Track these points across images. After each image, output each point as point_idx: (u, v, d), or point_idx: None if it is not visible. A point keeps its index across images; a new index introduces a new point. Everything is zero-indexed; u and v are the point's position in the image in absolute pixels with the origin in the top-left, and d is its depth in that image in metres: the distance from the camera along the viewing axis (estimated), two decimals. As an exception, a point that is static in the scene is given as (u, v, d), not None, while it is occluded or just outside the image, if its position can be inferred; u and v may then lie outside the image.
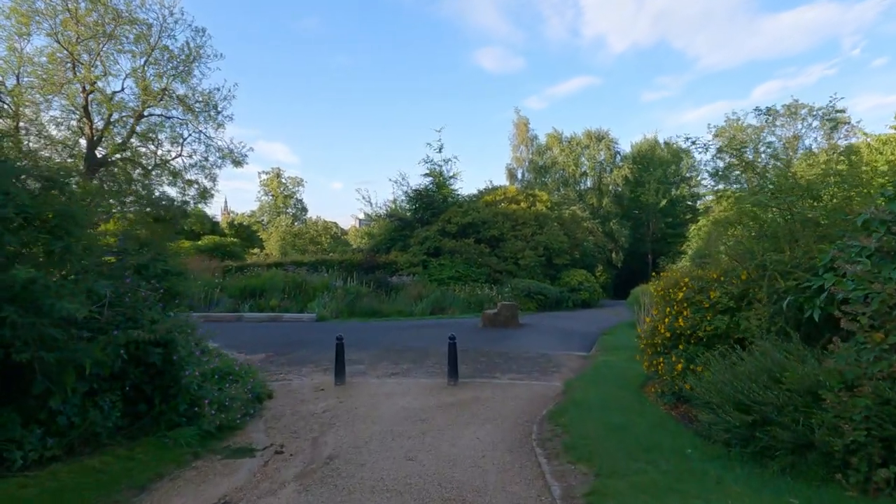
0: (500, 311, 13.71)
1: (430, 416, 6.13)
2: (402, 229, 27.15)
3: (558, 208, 31.39)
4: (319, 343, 12.12)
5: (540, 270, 25.59)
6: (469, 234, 25.43)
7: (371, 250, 27.04)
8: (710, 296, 6.51)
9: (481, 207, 26.97)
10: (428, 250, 24.77)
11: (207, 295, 20.70)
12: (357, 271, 23.42)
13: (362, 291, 20.89)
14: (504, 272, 24.71)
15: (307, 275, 22.23)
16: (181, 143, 32.42)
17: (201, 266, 23.69)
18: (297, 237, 53.95)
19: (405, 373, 8.72)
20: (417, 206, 27.68)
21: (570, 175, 45.04)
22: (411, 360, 9.84)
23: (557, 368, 9.05)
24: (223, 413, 5.19)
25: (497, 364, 9.37)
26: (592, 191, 45.14)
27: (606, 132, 45.06)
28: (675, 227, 46.31)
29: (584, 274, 27.28)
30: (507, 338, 12.40)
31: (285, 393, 7.27)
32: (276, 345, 12.34)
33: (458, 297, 21.72)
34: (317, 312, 18.78)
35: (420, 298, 20.90)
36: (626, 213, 46.74)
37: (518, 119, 47.56)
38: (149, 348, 4.80)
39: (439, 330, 13.98)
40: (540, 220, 27.20)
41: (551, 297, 23.84)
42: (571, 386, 7.57)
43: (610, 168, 44.98)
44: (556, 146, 45.61)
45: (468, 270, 23.98)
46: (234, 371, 6.14)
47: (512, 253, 25.28)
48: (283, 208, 65.67)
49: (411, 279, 22.87)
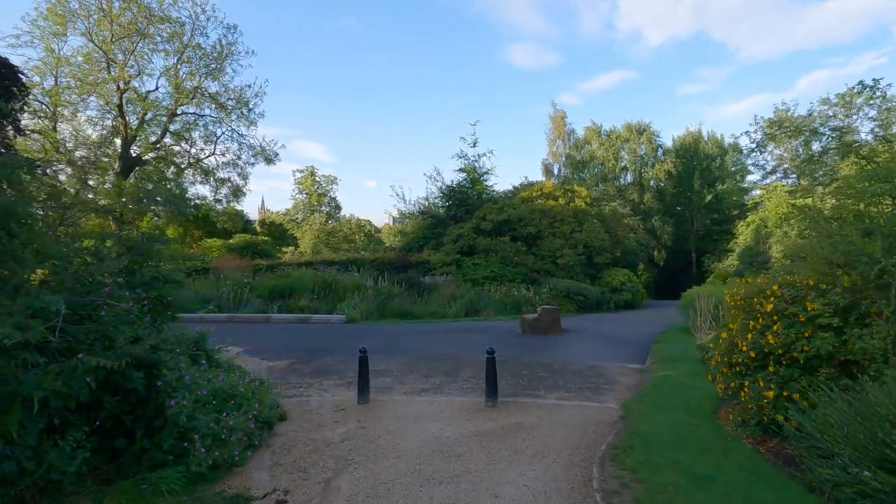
0: (540, 315, 12.62)
1: (466, 449, 5.15)
2: (435, 227, 26.24)
3: (598, 204, 29.95)
4: (346, 349, 11.30)
5: (579, 270, 24.30)
6: (504, 231, 24.32)
7: (403, 249, 26.25)
8: (806, 307, 5.33)
9: (517, 204, 25.80)
10: (462, 249, 23.79)
11: (237, 295, 20.24)
12: (389, 270, 22.64)
13: (394, 292, 20.09)
14: (542, 272, 23.53)
15: (338, 274, 21.57)
16: (214, 141, 32.36)
17: (231, 265, 23.32)
18: (331, 235, 53.80)
19: (437, 388, 7.76)
20: (451, 203, 26.72)
21: (609, 170, 43.33)
22: (444, 371, 8.88)
23: (610, 385, 7.93)
24: (218, 448, 4.33)
25: (541, 378, 8.31)
26: (633, 186, 43.32)
27: (647, 125, 43.17)
28: (721, 223, 44.05)
29: (627, 273, 25.83)
30: (549, 346, 11.31)
31: (301, 413, 6.41)
32: (301, 350, 11.59)
33: (494, 298, 20.70)
34: (346, 314, 18.05)
35: (454, 299, 19.96)
36: (669, 210, 44.71)
37: (554, 112, 46.08)
38: (129, 371, 3.97)
39: (474, 335, 13.00)
40: (579, 217, 25.87)
41: (592, 298, 22.56)
42: (631, 410, 6.47)
43: (651, 162, 43.04)
44: (594, 140, 43.95)
45: (504, 270, 22.90)
46: (239, 393, 5.29)
47: (550, 251, 24.07)
48: (317, 206, 65.74)
49: (444, 279, 21.95)
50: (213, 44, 30.26)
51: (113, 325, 3.86)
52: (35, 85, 27.11)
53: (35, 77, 27.04)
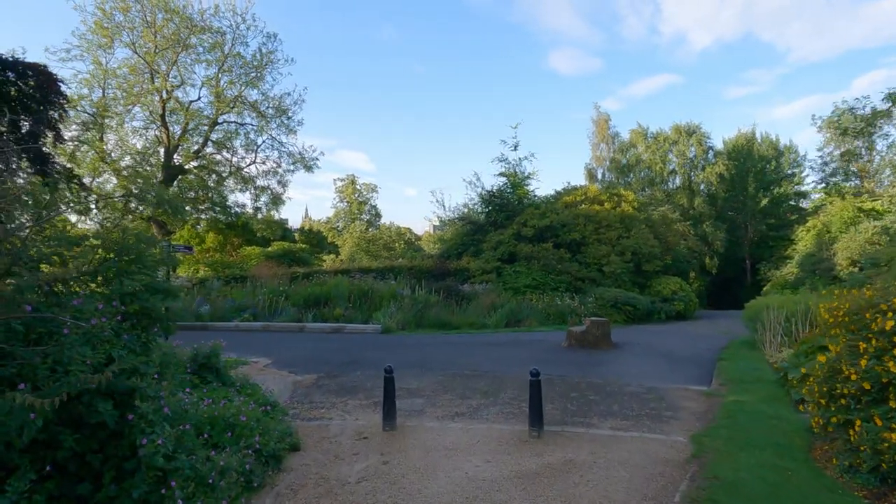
0: (589, 328, 11.52)
1: (507, 498, 4.24)
2: (475, 233, 25.39)
3: (645, 209, 28.44)
4: (377, 364, 10.53)
5: (627, 278, 22.94)
6: (547, 238, 23.22)
7: (441, 256, 25.48)
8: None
9: (560, 209, 24.67)
10: (502, 256, 22.83)
11: (272, 303, 19.92)
12: (426, 278, 21.90)
13: (431, 300, 19.30)
14: (586, 280, 22.31)
15: (374, 282, 20.97)
16: (255, 150, 32.56)
17: (268, 273, 23.08)
18: (371, 243, 53.67)
19: (474, 412, 6.86)
20: (491, 209, 25.83)
21: (656, 173, 41.49)
22: (482, 391, 7.97)
23: (674, 412, 6.85)
24: (203, 495, 3.58)
25: (592, 402, 7.29)
26: (682, 190, 41.31)
27: (697, 126, 41.15)
28: (778, 229, 41.56)
29: (678, 282, 24.28)
30: (599, 362, 10.22)
31: (318, 441, 5.63)
32: (331, 363, 10.92)
33: (536, 308, 19.64)
34: (382, 324, 17.37)
35: (493, 309, 19.01)
36: (721, 215, 42.43)
37: (598, 116, 44.62)
38: (95, 402, 3.27)
39: (516, 349, 12.03)
40: (626, 223, 24.51)
41: (641, 308, 21.18)
42: (704, 446, 5.41)
43: (702, 165, 40.94)
44: (640, 143, 42.23)
45: (546, 278, 21.80)
46: (240, 423, 4.53)
47: (595, 259, 22.82)
48: (357, 214, 65.98)
49: (484, 287, 21.03)
50: (254, 53, 30.51)
51: (71, 345, 3.16)
52: (84, 97, 27.85)
53: (84, 89, 27.80)
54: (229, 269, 24.66)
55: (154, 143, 30.31)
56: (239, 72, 30.30)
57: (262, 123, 31.34)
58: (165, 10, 26.99)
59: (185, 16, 27.62)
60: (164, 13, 27.14)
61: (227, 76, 29.97)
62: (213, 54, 29.30)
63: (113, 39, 27.01)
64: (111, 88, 28.14)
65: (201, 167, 31.15)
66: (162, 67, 28.56)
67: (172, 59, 28.25)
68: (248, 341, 15.21)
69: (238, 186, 32.17)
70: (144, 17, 27.17)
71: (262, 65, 30.47)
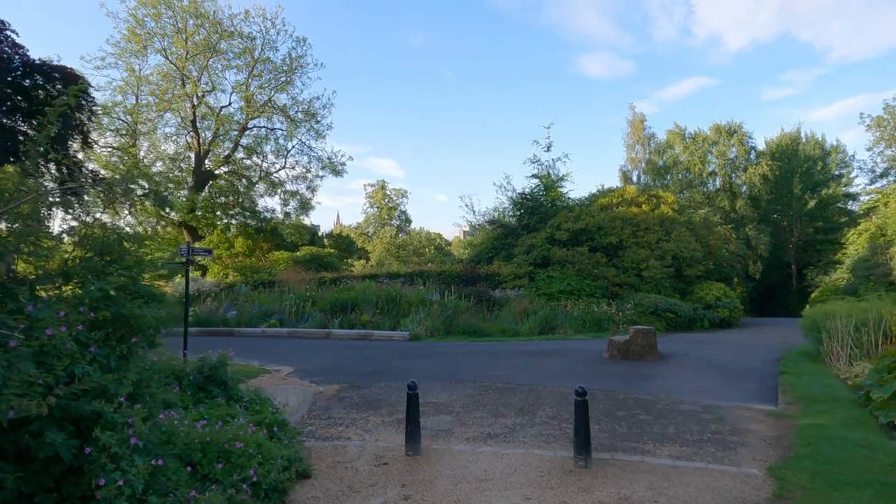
0: (633, 337, 10.57)
1: (553, 548, 3.47)
2: (506, 237, 24.56)
3: (685, 212, 27.12)
4: (404, 374, 9.87)
5: (667, 284, 21.75)
6: (582, 241, 22.23)
7: (471, 261, 24.72)
8: None
9: (596, 211, 23.64)
10: (535, 260, 21.93)
11: (299, 309, 19.52)
12: (456, 284, 21.18)
13: (461, 306, 18.57)
14: (624, 285, 21.22)
15: (402, 287, 20.37)
16: (285, 155, 32.51)
17: (296, 278, 22.72)
18: (401, 248, 53.36)
19: (509, 433, 6.08)
20: (522, 212, 24.96)
21: (695, 175, 39.89)
22: (518, 407, 7.19)
23: (741, 437, 5.93)
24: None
25: (644, 423, 6.42)
26: (723, 192, 39.59)
27: (739, 125, 39.40)
28: (826, 232, 39.43)
29: (722, 288, 22.93)
30: (646, 376, 9.29)
31: (331, 466, 4.95)
32: (355, 373, 10.31)
33: (571, 315, 18.69)
34: (410, 330, 16.73)
35: (526, 315, 18.16)
36: (765, 217, 40.49)
37: (633, 117, 43.28)
38: (46, 431, 2.65)
39: (553, 360, 11.17)
40: (666, 225, 23.30)
41: (683, 315, 19.99)
42: (787, 482, 4.52)
43: (744, 166, 39.16)
44: (678, 143, 40.71)
45: (581, 284, 20.81)
46: (235, 450, 3.87)
47: (633, 263, 21.70)
48: (387, 220, 65.91)
49: (516, 293, 20.18)
50: (283, 57, 30.51)
51: (10, 363, 2.54)
52: (118, 104, 28.22)
53: (118, 96, 28.16)
54: (258, 274, 24.40)
55: (185, 148, 30.53)
56: (268, 76, 30.32)
57: (291, 128, 31.26)
58: (196, 16, 27.13)
59: (215, 20, 27.74)
60: (195, 18, 27.28)
61: (256, 81, 30.01)
62: (243, 59, 29.37)
63: (146, 47, 27.29)
64: (144, 95, 28.46)
65: (231, 172, 31.21)
66: (193, 73, 28.73)
67: (203, 64, 28.40)
68: (273, 348, 14.77)
69: (268, 191, 32.16)
70: (176, 24, 27.37)
71: (291, 69, 30.42)
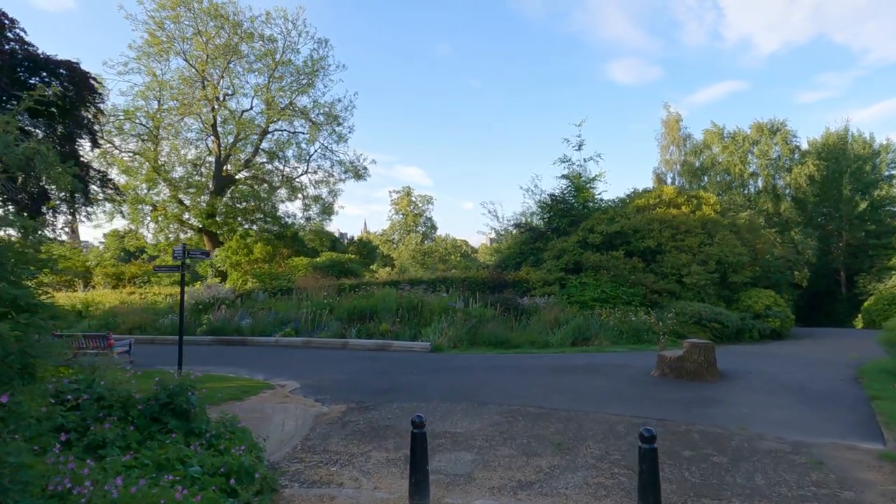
0: (687, 353, 9.04)
1: None
2: (534, 241, 23.10)
3: (727, 214, 25.26)
4: (421, 392, 8.64)
5: (712, 291, 20.00)
6: (617, 245, 20.66)
7: (497, 266, 23.32)
8: None
9: (631, 213, 22.03)
10: (566, 266, 20.44)
11: (315, 317, 18.50)
12: (481, 290, 19.84)
13: (486, 315, 17.25)
14: (664, 292, 19.55)
15: (424, 294, 19.14)
16: (307, 160, 31.79)
17: (315, 285, 21.72)
18: (427, 255, 52.25)
19: (546, 480, 4.75)
20: (552, 215, 23.48)
21: (734, 176, 37.72)
22: (555, 441, 5.84)
23: (856, 492, 4.47)
24: None
25: (721, 470, 5.00)
26: (765, 194, 37.31)
27: (782, 123, 37.15)
28: (879, 236, 36.76)
29: (772, 295, 21.02)
30: (709, 400, 7.77)
31: (312, 531, 3.72)
32: (366, 390, 9.14)
33: (606, 324, 17.16)
34: (431, 341, 15.50)
35: (557, 325, 16.72)
36: (811, 221, 38.04)
37: (668, 116, 41.36)
38: None
39: (591, 377, 9.74)
40: (708, 228, 21.55)
41: (731, 325, 18.26)
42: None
43: (788, 166, 36.86)
44: (716, 143, 38.62)
45: (617, 290, 19.24)
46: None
47: (674, 268, 20.01)
48: (412, 226, 65.00)
49: (546, 301, 18.72)
50: (304, 59, 29.84)
51: None
52: (139, 108, 27.87)
53: (140, 101, 27.81)
54: (276, 281, 23.52)
55: (205, 153, 30.04)
56: (290, 79, 29.66)
57: (312, 131, 30.51)
58: (215, 17, 26.60)
59: (235, 22, 27.19)
60: (215, 20, 26.76)
61: (277, 83, 29.35)
62: (264, 62, 28.77)
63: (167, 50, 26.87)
64: (165, 99, 28.05)
65: (253, 177, 30.58)
66: (213, 77, 28.23)
67: (223, 66, 27.84)
68: (284, 359, 13.75)
69: (289, 196, 31.46)
70: (196, 26, 26.89)
71: (313, 71, 29.71)
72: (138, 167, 28.15)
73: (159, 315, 20.40)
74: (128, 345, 14.02)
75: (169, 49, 27.04)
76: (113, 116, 27.27)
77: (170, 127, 28.87)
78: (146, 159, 27.57)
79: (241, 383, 10.62)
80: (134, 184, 28.02)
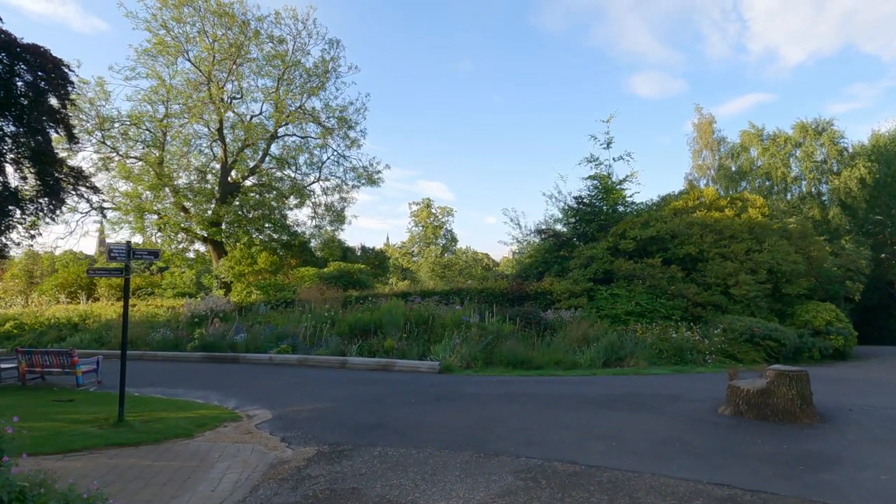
0: (773, 385, 6.65)
1: None
2: (558, 249, 20.90)
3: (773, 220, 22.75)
4: (415, 430, 6.66)
5: (763, 304, 17.56)
6: (652, 252, 18.39)
7: (518, 276, 21.13)
8: None
9: (668, 217, 19.74)
10: (594, 275, 18.22)
11: (315, 331, 16.66)
12: (499, 303, 17.74)
13: (504, 330, 15.14)
14: (708, 305, 17.21)
15: (436, 307, 17.12)
16: (319, 167, 30.24)
17: (318, 296, 19.89)
18: (447, 268, 50.29)
19: None
20: (577, 219, 21.26)
21: (776, 180, 34.95)
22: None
23: None
24: None
25: None
26: (811, 199, 34.43)
27: (828, 123, 34.30)
28: (940, 245, 33.55)
29: (833, 310, 18.48)
30: (818, 458, 5.43)
31: None
32: (348, 425, 7.24)
33: (643, 342, 14.94)
34: (441, 360, 13.47)
35: (586, 342, 14.53)
36: (861, 228, 34.97)
37: (700, 119, 38.89)
38: None
39: (639, 414, 7.55)
40: (756, 233, 19.11)
41: (788, 344, 15.85)
42: None
43: (836, 169, 33.97)
44: (755, 145, 35.95)
45: (654, 303, 16.96)
46: None
47: (718, 278, 17.62)
48: (432, 239, 63.15)
49: (572, 314, 16.53)
50: (315, 61, 28.37)
51: None
52: (145, 114, 26.70)
53: (146, 106, 26.64)
54: (281, 293, 21.78)
55: (211, 159, 28.68)
56: (300, 81, 28.17)
57: (324, 135, 28.93)
58: (220, 16, 25.30)
59: (242, 21, 25.86)
60: (220, 19, 25.46)
61: (286, 85, 27.89)
62: (273, 64, 27.34)
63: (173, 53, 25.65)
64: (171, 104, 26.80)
65: (261, 185, 29.05)
66: (220, 79, 26.89)
67: (230, 67, 26.50)
68: (270, 380, 11.88)
69: (299, 204, 29.84)
70: (202, 26, 25.65)
71: (324, 73, 28.20)
72: (142, 174, 26.89)
73: (154, 328, 18.85)
74: (95, 363, 12.32)
75: (174, 51, 25.82)
76: (118, 122, 26.16)
77: (177, 135, 27.63)
78: (149, 164, 26.29)
79: (203, 413, 8.75)
80: (139, 191, 26.77)
